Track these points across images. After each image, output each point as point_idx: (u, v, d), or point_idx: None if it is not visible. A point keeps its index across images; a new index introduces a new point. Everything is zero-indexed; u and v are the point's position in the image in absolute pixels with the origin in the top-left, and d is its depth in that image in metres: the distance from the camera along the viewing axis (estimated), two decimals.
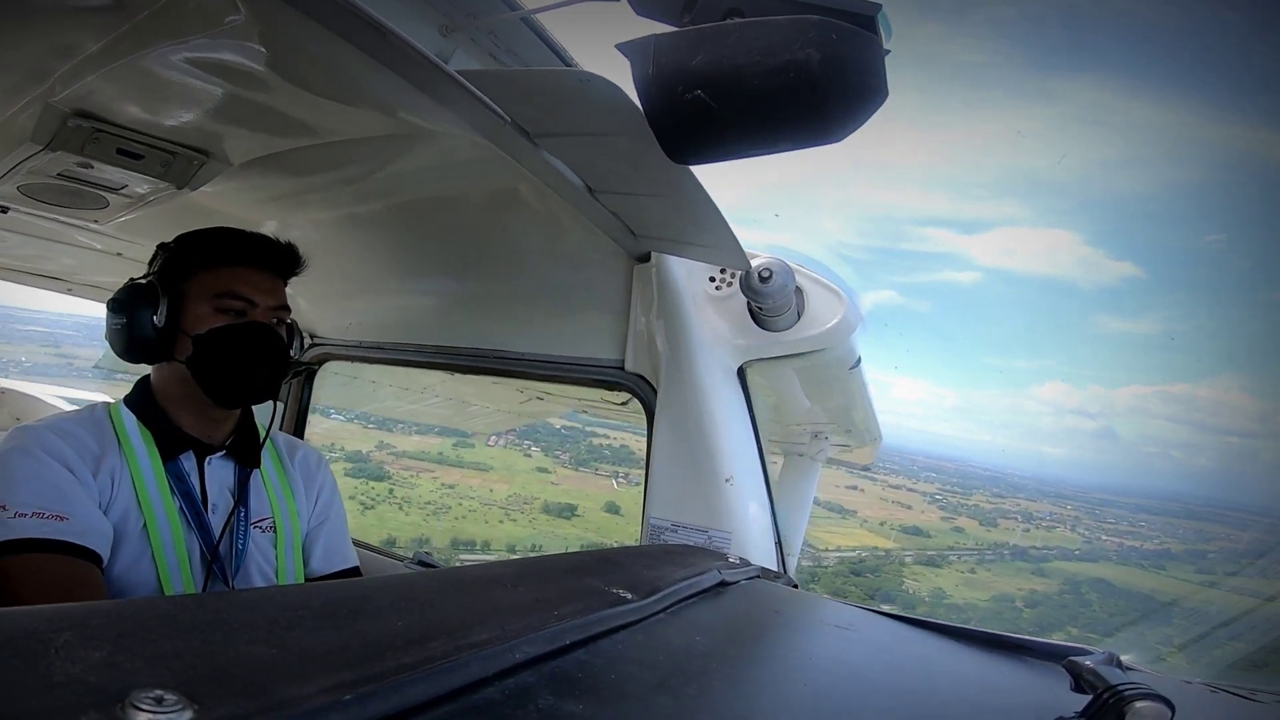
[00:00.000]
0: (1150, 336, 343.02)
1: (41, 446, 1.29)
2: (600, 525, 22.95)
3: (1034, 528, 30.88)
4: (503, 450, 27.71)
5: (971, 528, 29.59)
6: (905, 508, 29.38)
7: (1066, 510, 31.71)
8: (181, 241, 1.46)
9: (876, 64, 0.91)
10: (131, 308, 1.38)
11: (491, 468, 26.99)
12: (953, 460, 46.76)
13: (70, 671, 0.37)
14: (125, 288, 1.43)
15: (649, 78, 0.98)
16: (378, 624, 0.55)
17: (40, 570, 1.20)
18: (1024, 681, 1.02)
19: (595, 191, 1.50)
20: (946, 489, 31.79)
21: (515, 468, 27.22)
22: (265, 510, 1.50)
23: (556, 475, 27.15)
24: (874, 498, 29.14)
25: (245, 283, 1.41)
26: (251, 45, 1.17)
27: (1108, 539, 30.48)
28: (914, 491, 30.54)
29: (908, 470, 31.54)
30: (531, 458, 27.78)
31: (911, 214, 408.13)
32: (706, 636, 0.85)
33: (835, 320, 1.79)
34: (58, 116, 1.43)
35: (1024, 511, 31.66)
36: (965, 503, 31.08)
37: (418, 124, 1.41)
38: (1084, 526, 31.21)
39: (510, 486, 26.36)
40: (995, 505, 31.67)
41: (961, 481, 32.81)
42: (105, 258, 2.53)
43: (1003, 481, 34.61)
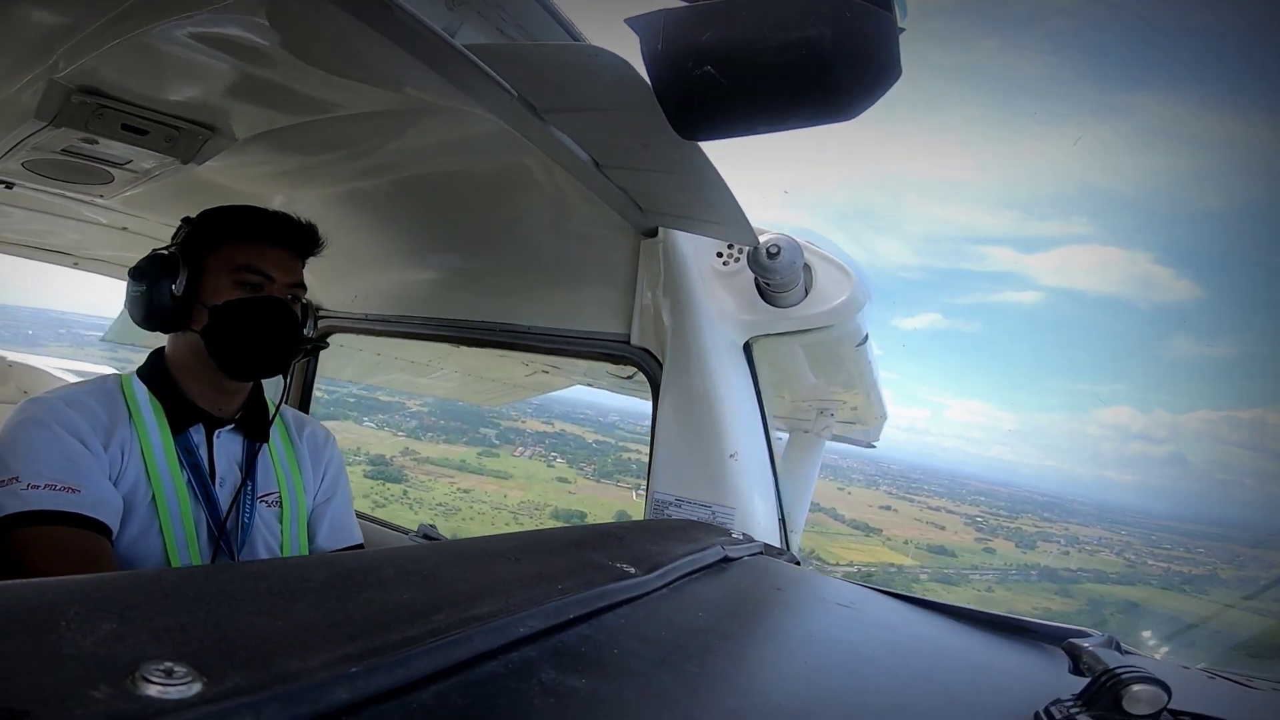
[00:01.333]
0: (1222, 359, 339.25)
1: (54, 418, 1.30)
2: None
3: (1076, 551, 31.02)
4: (527, 461, 28.18)
5: (1007, 549, 30.17)
6: (939, 528, 29.59)
7: (1120, 535, 31.85)
8: (205, 216, 1.48)
9: (890, 41, 0.90)
10: (152, 276, 1.41)
11: (511, 476, 27.55)
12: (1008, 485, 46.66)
13: (80, 644, 0.38)
14: (148, 257, 1.44)
15: (658, 53, 0.97)
16: (382, 596, 0.56)
17: (52, 542, 1.21)
18: (1024, 662, 1.02)
19: (603, 167, 1.50)
20: (991, 512, 32.01)
21: (536, 477, 27.73)
22: (272, 485, 1.52)
23: (576, 485, 27.76)
24: (908, 518, 29.35)
25: (264, 258, 1.43)
26: (257, 19, 1.16)
27: (1154, 563, 30.79)
28: (954, 514, 30.73)
29: (954, 493, 31.64)
30: (554, 468, 28.29)
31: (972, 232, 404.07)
32: (709, 612, 0.85)
33: (843, 297, 1.78)
34: (62, 93, 1.43)
35: (1071, 535, 31.89)
36: (1008, 525, 31.25)
37: (424, 99, 1.40)
38: (1133, 551, 31.32)
39: (526, 494, 26.92)
40: (1040, 529, 31.84)
41: (1010, 505, 32.99)
42: (111, 232, 2.53)
43: (1058, 506, 34.68)
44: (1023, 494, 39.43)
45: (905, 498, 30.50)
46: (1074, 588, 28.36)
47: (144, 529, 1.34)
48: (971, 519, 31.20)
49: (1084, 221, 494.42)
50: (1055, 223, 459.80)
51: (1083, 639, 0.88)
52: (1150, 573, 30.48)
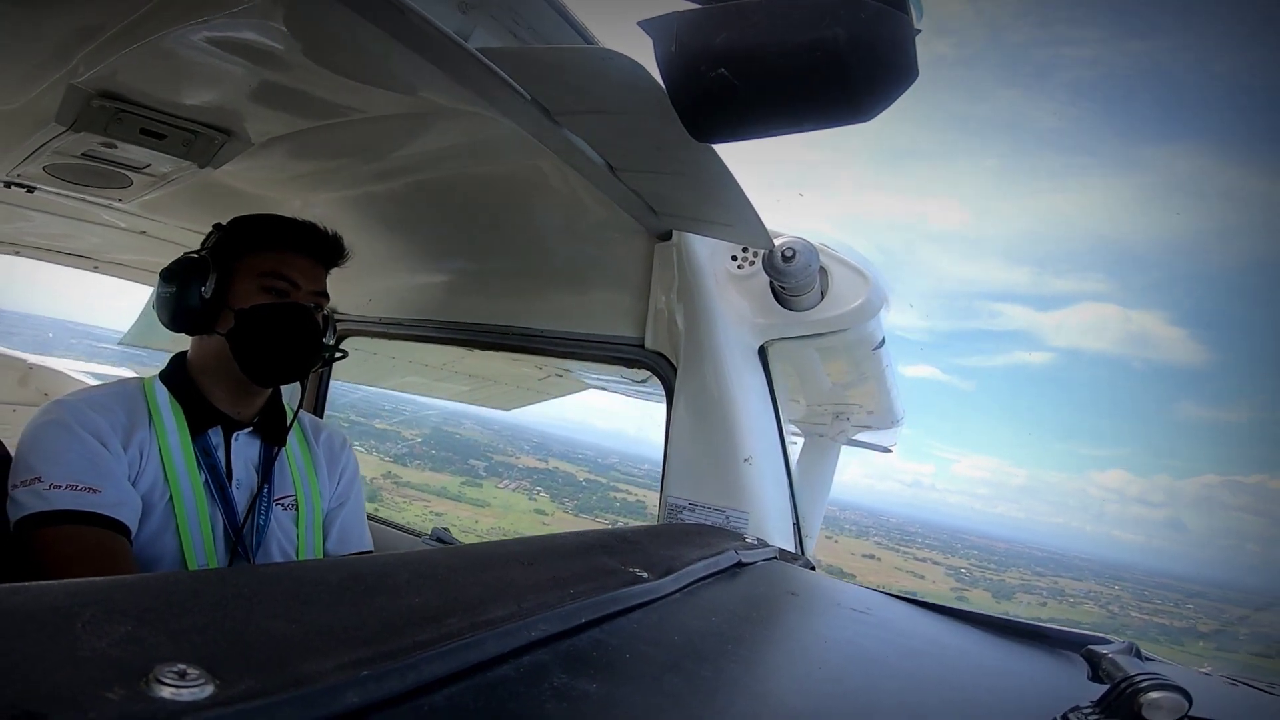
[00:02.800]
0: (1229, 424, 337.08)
1: (76, 420, 1.32)
2: None
3: (1057, 602, 31.50)
4: (509, 493, 28.65)
5: (982, 598, 30.86)
6: (918, 577, 30.01)
7: (1112, 590, 32.28)
8: (236, 223, 1.50)
9: (906, 43, 0.89)
10: (183, 278, 1.43)
11: (489, 505, 28.23)
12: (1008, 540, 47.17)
13: (95, 646, 0.38)
14: (179, 259, 1.47)
15: (672, 55, 0.97)
16: (395, 600, 0.56)
17: (73, 541, 1.24)
18: (1041, 669, 1.01)
19: (616, 170, 1.50)
20: (979, 564, 32.55)
21: (515, 508, 28.37)
22: (288, 488, 1.53)
23: (553, 518, 28.60)
24: (889, 566, 29.82)
25: (291, 266, 1.46)
26: (272, 24, 1.17)
27: (1137, 615, 31.42)
28: (939, 565, 31.21)
29: (948, 546, 32.08)
30: (535, 501, 28.81)
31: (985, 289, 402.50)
32: (722, 617, 0.85)
33: (859, 301, 1.77)
34: (81, 97, 1.45)
35: (1058, 589, 32.24)
36: (992, 577, 31.78)
37: (438, 103, 1.41)
38: (1118, 604, 31.80)
39: (498, 521, 27.48)
40: (1027, 581, 32.27)
41: (1003, 559, 33.55)
42: (129, 236, 2.56)
43: (1056, 561, 35.18)
44: (1022, 549, 40.07)
45: (893, 548, 31.04)
46: None
47: (161, 529, 1.35)
48: (955, 570, 31.76)
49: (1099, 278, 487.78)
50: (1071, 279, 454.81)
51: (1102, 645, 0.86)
52: (1130, 624, 31.28)
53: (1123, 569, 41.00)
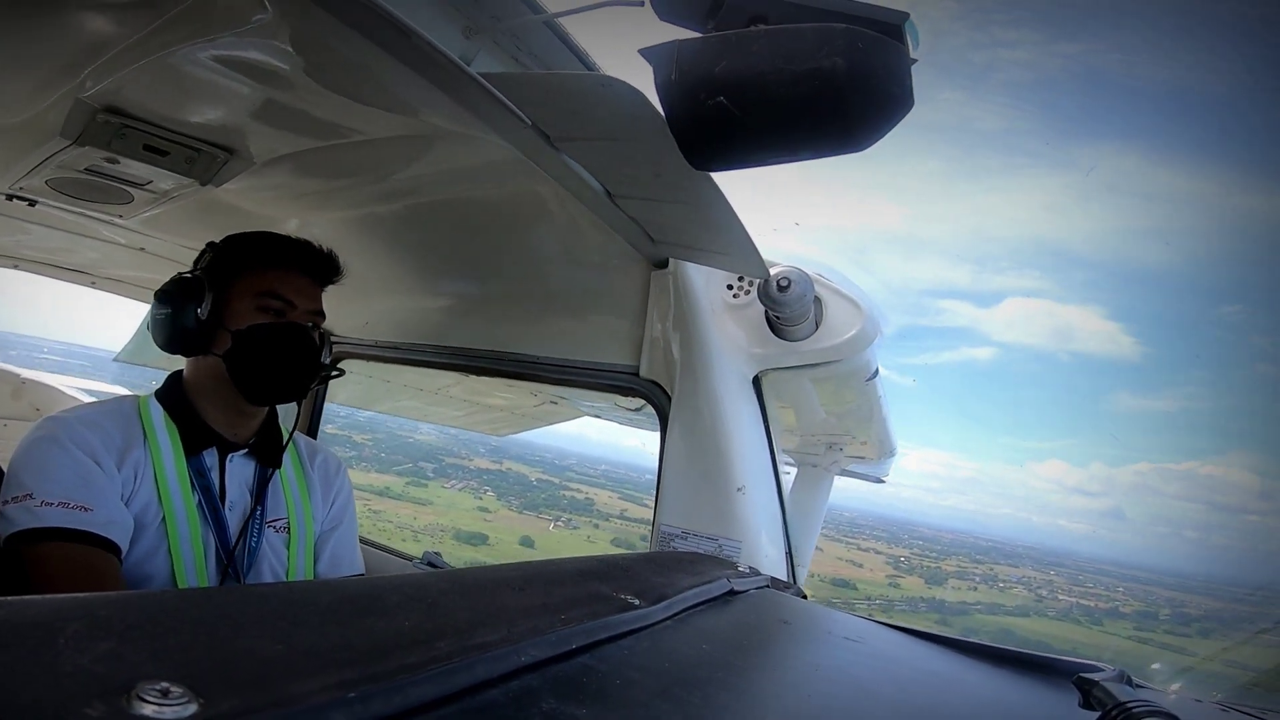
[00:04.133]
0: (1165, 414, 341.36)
1: (69, 437, 1.31)
2: (504, 553, 24.85)
3: (989, 587, 32.20)
4: (455, 492, 28.76)
5: (914, 584, 31.52)
6: (856, 566, 30.43)
7: (1046, 576, 33.10)
8: (229, 241, 1.50)
9: (903, 73, 0.90)
10: (178, 300, 1.42)
11: (431, 503, 28.38)
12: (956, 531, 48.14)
13: (77, 662, 0.37)
14: (173, 280, 1.46)
15: (672, 83, 0.97)
16: (384, 622, 0.55)
17: (63, 559, 1.23)
18: (1033, 697, 1.00)
19: (615, 196, 1.50)
20: (921, 554, 33.19)
21: (458, 505, 28.67)
22: (281, 511, 1.52)
23: (495, 515, 28.74)
24: (830, 556, 30.30)
25: (287, 285, 1.45)
26: (278, 44, 1.18)
27: (1065, 598, 32.71)
28: (881, 554, 31.81)
29: (895, 538, 32.71)
30: (481, 500, 28.89)
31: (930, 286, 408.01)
32: (713, 645, 0.84)
33: (854, 331, 1.78)
34: (87, 112, 1.46)
35: (991, 575, 33.04)
36: (931, 565, 32.47)
37: (439, 126, 1.42)
38: (1048, 589, 32.62)
39: (438, 519, 27.74)
40: (963, 568, 33.02)
41: (944, 549, 34.22)
42: (128, 252, 2.56)
43: (998, 551, 36.05)
44: (967, 539, 40.75)
45: (840, 540, 31.32)
46: (955, 618, 29.77)
47: (153, 549, 1.34)
48: (895, 559, 32.20)
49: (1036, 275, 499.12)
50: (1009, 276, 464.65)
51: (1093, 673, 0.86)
52: (1056, 605, 32.06)
53: (1064, 556, 41.89)
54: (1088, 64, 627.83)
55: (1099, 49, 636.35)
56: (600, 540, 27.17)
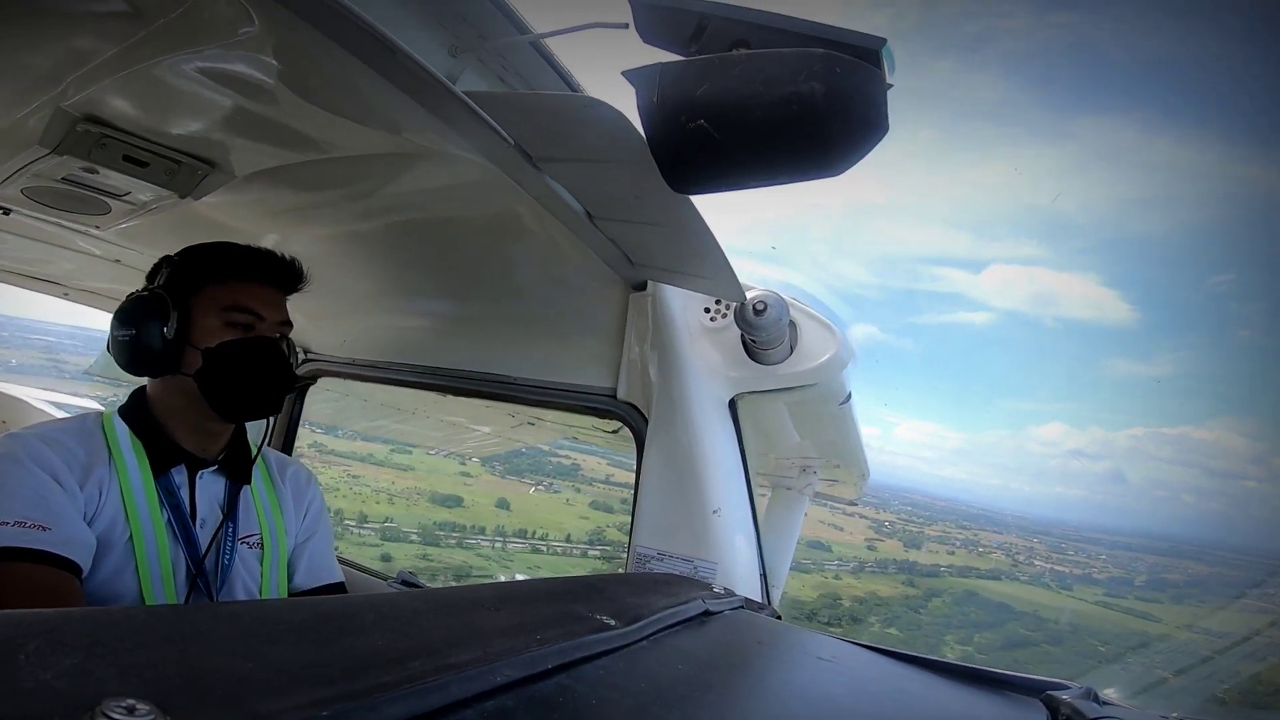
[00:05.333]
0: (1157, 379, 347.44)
1: (29, 455, 1.27)
2: (477, 515, 25.41)
3: (967, 552, 32.66)
4: (440, 459, 28.87)
5: (892, 548, 31.65)
6: (837, 529, 30.73)
7: (1032, 543, 33.66)
8: (187, 255, 1.47)
9: (879, 98, 0.92)
10: (140, 320, 1.38)
11: (413, 469, 28.24)
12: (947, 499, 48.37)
13: (40, 678, 0.37)
14: (132, 300, 1.42)
15: (654, 105, 0.99)
16: (358, 641, 0.55)
17: (18, 579, 1.19)
18: (1003, 715, 1.01)
19: (595, 218, 1.51)
20: (907, 520, 33.47)
21: (439, 470, 28.68)
22: (253, 527, 1.49)
23: (477, 479, 28.47)
24: (813, 520, 30.45)
25: (253, 297, 1.42)
26: (263, 58, 1.18)
27: (1041, 564, 33.12)
28: (864, 519, 32.13)
29: (885, 504, 33.03)
30: (465, 465, 28.97)
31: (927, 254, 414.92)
32: (689, 665, 0.84)
33: (828, 355, 1.79)
34: (67, 121, 1.44)
35: (974, 540, 33.40)
36: (914, 530, 32.87)
37: (422, 144, 1.42)
38: (1027, 555, 33.12)
39: (416, 483, 27.73)
40: (947, 533, 33.45)
41: (932, 515, 34.62)
42: (104, 264, 2.53)
43: (987, 519, 36.41)
44: (959, 507, 41.24)
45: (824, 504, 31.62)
46: (922, 579, 30.12)
47: (119, 568, 1.31)
48: (879, 524, 32.60)
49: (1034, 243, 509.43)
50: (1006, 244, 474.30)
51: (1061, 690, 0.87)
52: (1031, 570, 32.49)
53: (1053, 525, 42.74)
54: (1082, 34, 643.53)
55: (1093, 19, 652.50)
56: (579, 503, 27.16)
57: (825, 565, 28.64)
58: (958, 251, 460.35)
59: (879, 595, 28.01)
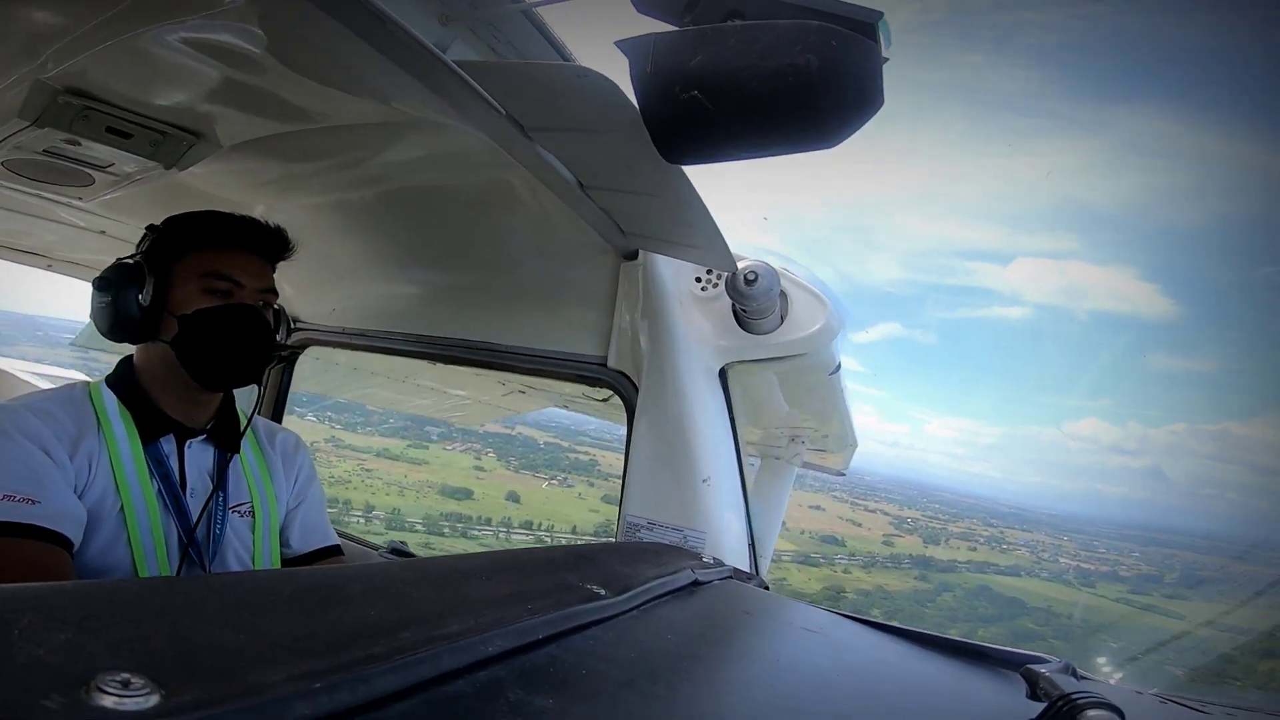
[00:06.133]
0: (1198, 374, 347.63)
1: (17, 427, 1.27)
2: (486, 506, 25.89)
3: (989, 549, 32.84)
4: (456, 454, 28.95)
5: (910, 543, 32.26)
6: (855, 525, 30.93)
7: (1061, 540, 33.81)
8: (170, 223, 1.45)
9: (874, 71, 0.91)
10: (118, 286, 1.38)
11: (428, 463, 28.72)
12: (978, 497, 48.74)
13: (33, 654, 0.37)
14: (113, 266, 1.42)
15: (647, 76, 0.98)
16: (349, 612, 0.55)
17: (8, 554, 1.18)
18: (984, 687, 1.03)
19: (587, 187, 1.50)
20: (932, 516, 33.64)
21: (453, 465, 29.15)
22: (244, 495, 1.50)
23: (490, 473, 29.11)
24: (832, 516, 30.72)
25: (232, 264, 1.41)
26: (249, 27, 1.16)
27: (1066, 561, 33.32)
28: (886, 515, 32.24)
29: (912, 501, 33.16)
30: (480, 460, 29.09)
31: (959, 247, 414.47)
32: (678, 635, 0.85)
33: (818, 325, 1.79)
34: (48, 93, 1.42)
35: (997, 537, 34.03)
36: (937, 527, 33.09)
37: (412, 113, 1.40)
38: (1056, 552, 33.23)
39: (429, 476, 28.16)
40: (971, 530, 33.66)
41: (959, 512, 34.79)
42: (88, 235, 2.50)
43: (1017, 516, 36.71)
44: (989, 505, 41.52)
45: (847, 500, 31.88)
46: (936, 574, 30.64)
47: (112, 540, 1.31)
48: (901, 520, 32.79)
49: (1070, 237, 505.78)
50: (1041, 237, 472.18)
51: (1039, 664, 0.88)
52: (1051, 568, 32.79)
53: (1088, 522, 42.86)
54: (1114, 24, 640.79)
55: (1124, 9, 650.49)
56: (591, 496, 27.37)
57: (835, 559, 29.00)
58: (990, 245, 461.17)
59: (887, 589, 28.32)
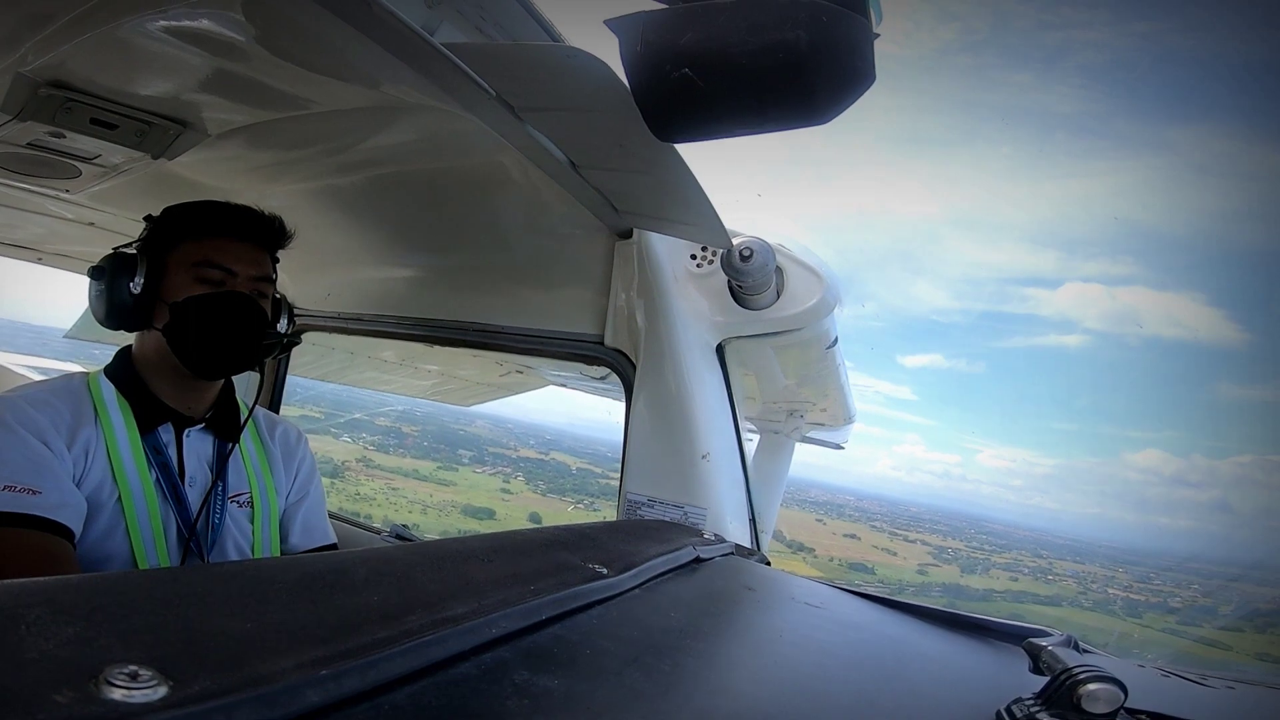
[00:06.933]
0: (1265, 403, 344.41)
1: (16, 418, 1.27)
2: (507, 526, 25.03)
3: (1032, 579, 33.16)
4: (485, 476, 29.29)
5: (946, 573, 32.28)
6: (890, 554, 31.13)
7: (1115, 572, 34.01)
8: (167, 213, 1.46)
9: (865, 47, 0.91)
10: (112, 274, 1.38)
11: (455, 485, 29.11)
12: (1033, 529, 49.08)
13: (42, 648, 0.37)
14: (108, 256, 1.42)
15: (637, 54, 0.97)
16: (354, 598, 0.55)
17: (11, 544, 1.20)
18: (986, 661, 1.04)
19: (579, 167, 1.50)
20: (976, 546, 33.76)
21: (480, 487, 29.71)
22: (243, 485, 1.50)
23: (516, 495, 29.52)
24: (866, 545, 30.97)
25: (225, 253, 1.41)
26: (231, 14, 1.15)
27: (1114, 591, 33.08)
28: (926, 545, 32.37)
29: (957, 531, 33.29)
30: (508, 484, 29.38)
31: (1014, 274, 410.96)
32: (681, 612, 0.85)
33: (814, 300, 1.80)
34: (29, 86, 1.41)
35: (1044, 568, 34.04)
36: (980, 557, 33.27)
37: (401, 97, 1.39)
38: (1107, 583, 33.46)
39: (453, 496, 28.54)
40: (1018, 561, 33.71)
41: (1009, 544, 34.90)
42: (77, 227, 2.49)
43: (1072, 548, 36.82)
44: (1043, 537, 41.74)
45: (885, 530, 32.08)
46: (969, 603, 30.85)
47: (110, 530, 1.32)
48: (941, 550, 32.90)
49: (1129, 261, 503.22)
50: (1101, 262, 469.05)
51: (1042, 638, 0.89)
52: (1104, 599, 32.64)
53: (1149, 555, 43.02)
54: (1167, 43, 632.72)
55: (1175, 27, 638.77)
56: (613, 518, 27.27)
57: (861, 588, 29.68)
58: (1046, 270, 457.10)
59: None
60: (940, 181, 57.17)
